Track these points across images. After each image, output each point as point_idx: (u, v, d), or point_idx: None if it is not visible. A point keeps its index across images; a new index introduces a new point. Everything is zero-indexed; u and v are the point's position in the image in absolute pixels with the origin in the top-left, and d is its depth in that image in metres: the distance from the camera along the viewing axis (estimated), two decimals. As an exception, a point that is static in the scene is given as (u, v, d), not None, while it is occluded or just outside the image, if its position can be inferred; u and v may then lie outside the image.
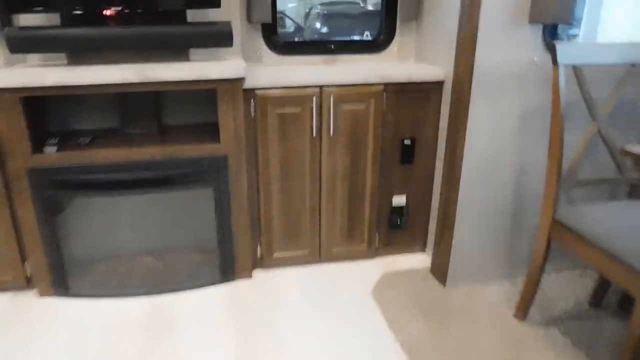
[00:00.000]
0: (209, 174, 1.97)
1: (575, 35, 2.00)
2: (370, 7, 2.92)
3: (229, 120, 1.90)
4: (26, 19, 1.94)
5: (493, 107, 1.82)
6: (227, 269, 2.13)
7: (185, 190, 2.00)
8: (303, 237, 2.20)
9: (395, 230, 2.29)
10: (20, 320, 1.88)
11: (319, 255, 2.25)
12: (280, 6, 2.37)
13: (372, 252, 2.29)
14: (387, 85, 2.01)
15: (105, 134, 2.07)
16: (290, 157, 2.04)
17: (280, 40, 2.26)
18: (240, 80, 1.86)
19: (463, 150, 1.87)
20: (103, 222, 2.10)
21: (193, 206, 2.09)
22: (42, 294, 2.01)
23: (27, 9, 1.88)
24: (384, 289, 2.07)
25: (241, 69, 1.83)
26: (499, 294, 2.02)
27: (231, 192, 2.01)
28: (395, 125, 2.09)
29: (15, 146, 1.80)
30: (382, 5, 2.29)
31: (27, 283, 2.02)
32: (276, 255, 2.21)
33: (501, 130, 1.86)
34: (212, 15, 2.09)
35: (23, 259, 1.98)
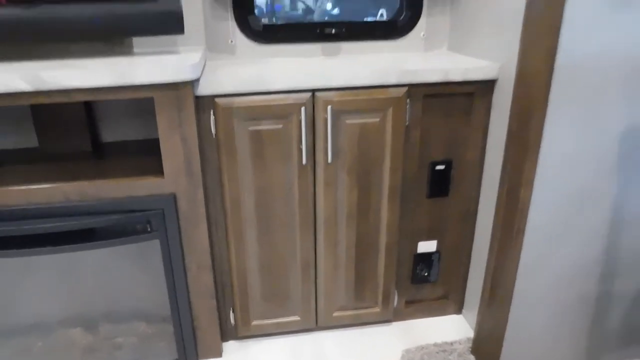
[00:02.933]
0: (152, 220, 1.34)
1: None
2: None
3: (176, 143, 1.27)
4: None
5: (584, 119, 1.16)
6: (187, 346, 1.52)
7: (120, 245, 1.37)
8: (293, 299, 1.57)
9: (421, 285, 1.66)
10: None
11: (315, 321, 1.62)
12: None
13: (388, 315, 1.66)
14: (412, 87, 1.36)
15: (13, 158, 1.47)
16: (272, 192, 1.41)
17: (259, 23, 1.61)
18: (189, 84, 1.22)
19: (531, 188, 1.21)
20: (10, 285, 1.49)
21: (136, 261, 1.47)
22: None
23: None
24: (406, 381, 1.45)
25: (188, 68, 1.19)
26: (578, 397, 1.38)
27: (185, 244, 1.38)
28: (423, 144, 1.44)
29: None
30: (403, -29, 1.63)
31: None
32: (255, 323, 1.59)
33: (594, 156, 1.20)
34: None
35: None
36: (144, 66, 1.17)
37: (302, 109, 1.30)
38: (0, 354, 1.50)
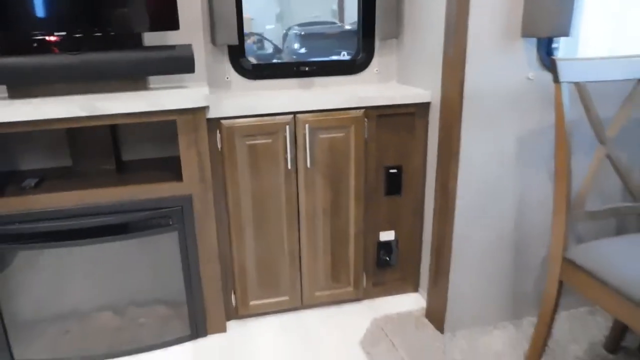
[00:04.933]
0: (173, 217, 1.73)
1: (556, 49, 1.82)
2: (348, 27, 2.75)
3: (192, 155, 1.68)
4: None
5: (487, 131, 1.62)
6: (198, 324, 1.88)
7: (146, 237, 1.75)
8: (282, 282, 1.96)
9: (384, 269, 2.07)
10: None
11: (300, 301, 2.01)
12: (254, 27, 2.19)
13: (359, 294, 2.05)
14: (367, 109, 1.81)
15: (55, 174, 1.83)
16: (264, 193, 1.82)
17: (249, 64, 2.05)
18: (203, 109, 1.64)
19: (456, 181, 1.66)
20: (53, 277, 1.83)
21: (157, 254, 1.84)
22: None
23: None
24: (374, 339, 1.83)
25: (202, 97, 1.61)
26: (503, 341, 1.79)
27: (198, 236, 1.77)
28: (378, 153, 1.88)
29: (-58, 195, 1.55)
30: (359, 22, 2.11)
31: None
32: (253, 303, 1.96)
33: (498, 157, 1.66)
34: (172, 38, 1.89)
35: (-43, 324, 1.71)
36: (169, 97, 1.59)
37: (287, 127, 1.73)
38: (45, 335, 1.83)
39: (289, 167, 1.78)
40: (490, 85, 1.58)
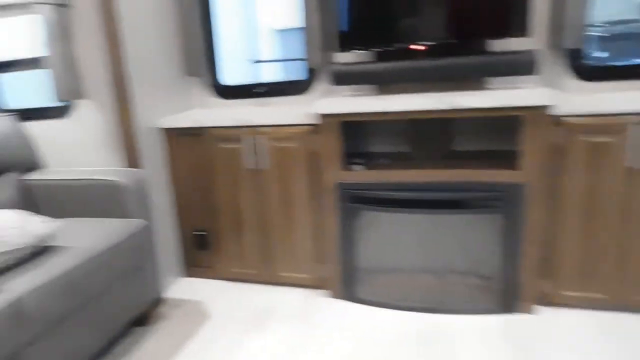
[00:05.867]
0: (502, 200, 1.94)
1: None
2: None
3: (532, 148, 1.85)
4: (341, 56, 2.26)
5: None
6: (507, 300, 2.06)
7: (474, 215, 2.02)
8: (600, 278, 1.98)
9: None
10: (310, 317, 2.16)
11: (617, 301, 1.99)
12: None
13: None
14: None
15: (398, 157, 2.25)
16: (598, 191, 1.87)
17: (586, 66, 2.11)
18: (546, 107, 1.80)
19: None
20: (390, 237, 2.27)
21: (478, 231, 2.10)
22: (332, 295, 2.27)
23: (349, 48, 2.19)
24: None
25: (547, 97, 1.77)
26: None
27: (524, 221, 1.94)
28: None
29: (329, 162, 2.09)
30: None
31: (321, 284, 2.31)
32: (565, 294, 2.04)
33: None
34: (514, 41, 2.07)
35: (321, 261, 2.27)
36: (515, 95, 1.80)
37: (632, 126, 1.75)
38: (377, 283, 2.28)
39: (629, 165, 1.80)
40: None
